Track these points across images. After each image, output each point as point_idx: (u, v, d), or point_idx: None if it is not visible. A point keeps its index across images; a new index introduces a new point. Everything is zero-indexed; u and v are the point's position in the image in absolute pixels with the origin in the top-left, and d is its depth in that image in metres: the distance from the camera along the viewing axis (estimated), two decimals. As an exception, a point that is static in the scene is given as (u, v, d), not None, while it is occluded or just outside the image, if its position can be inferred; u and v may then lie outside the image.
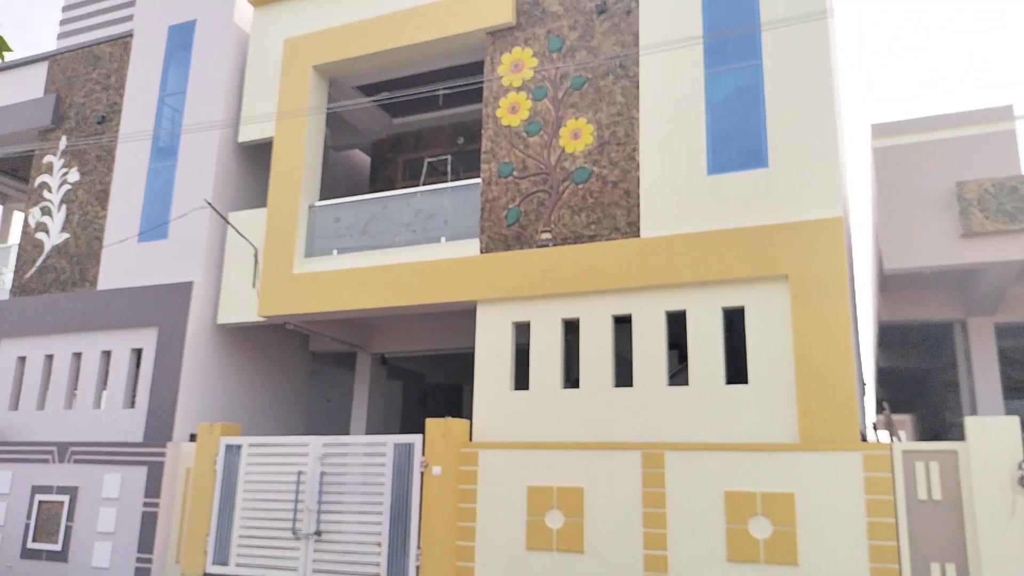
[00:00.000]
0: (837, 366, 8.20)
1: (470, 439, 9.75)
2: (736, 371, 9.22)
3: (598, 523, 8.64)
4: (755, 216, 8.94)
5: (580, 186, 9.92)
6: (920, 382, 18.66)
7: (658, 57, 9.85)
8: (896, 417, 23.85)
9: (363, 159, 16.82)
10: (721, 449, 8.34)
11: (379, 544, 9.48)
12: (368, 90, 13.28)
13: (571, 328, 9.92)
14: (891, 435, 10.36)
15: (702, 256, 8.99)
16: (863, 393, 11.15)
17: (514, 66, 10.70)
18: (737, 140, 9.29)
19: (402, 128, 14.94)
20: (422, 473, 9.54)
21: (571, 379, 10.00)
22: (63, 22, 15.09)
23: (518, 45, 10.75)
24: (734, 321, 9.67)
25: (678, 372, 10.14)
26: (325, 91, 12.57)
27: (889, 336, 14.64)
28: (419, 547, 9.26)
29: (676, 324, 9.42)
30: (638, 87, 9.92)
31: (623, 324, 9.65)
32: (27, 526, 11.95)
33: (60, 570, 11.45)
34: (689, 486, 8.37)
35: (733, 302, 8.90)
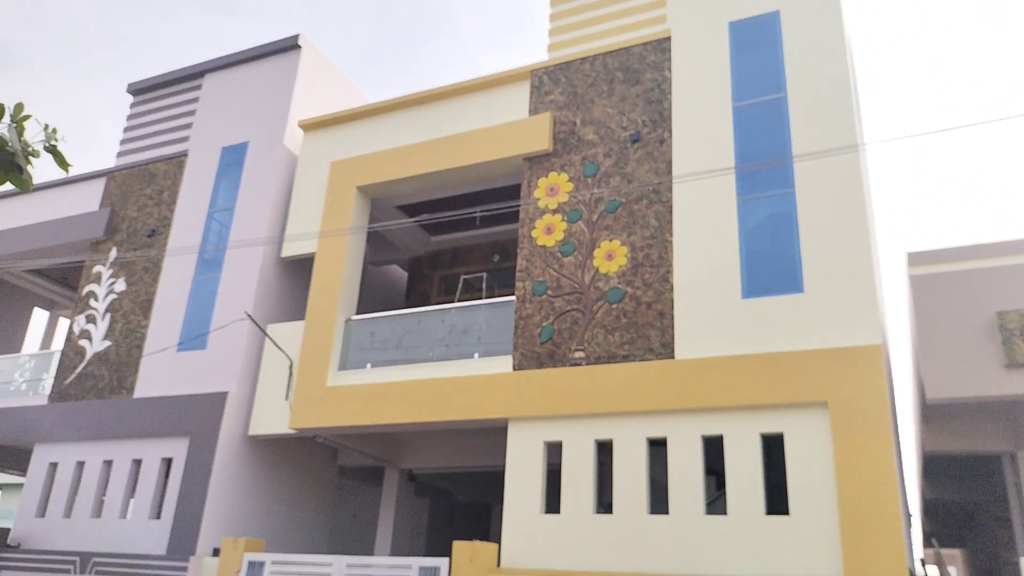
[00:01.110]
0: (882, 498, 7.90)
1: (498, 564, 9.43)
2: (776, 500, 8.90)
3: (631, 661, 8.17)
4: (792, 341, 8.88)
5: (614, 306, 10.00)
6: (969, 515, 17.80)
7: (691, 183, 10.11)
8: (945, 552, 22.63)
9: (400, 274, 17.19)
10: (762, 584, 7.95)
11: (400, 675, 9.04)
12: (408, 210, 13.74)
13: (604, 449, 9.75)
14: (940, 571, 9.82)
15: (738, 380, 8.89)
16: (910, 526, 10.67)
17: (550, 190, 11.04)
18: (771, 265, 9.37)
19: (439, 245, 15.33)
20: (448, 599, 9.19)
21: (604, 503, 9.73)
22: (123, 141, 16.00)
23: (554, 170, 11.14)
24: (773, 448, 9.42)
25: (716, 500, 9.82)
26: (367, 210, 13.03)
27: (935, 467, 14.12)
28: None
29: (713, 449, 9.21)
30: (671, 211, 10.14)
31: (658, 447, 9.46)
32: (40, 641, 11.63)
33: None
34: (728, 624, 7.94)
35: (771, 428, 8.72)
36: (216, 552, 11.37)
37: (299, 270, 13.69)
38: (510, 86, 12.09)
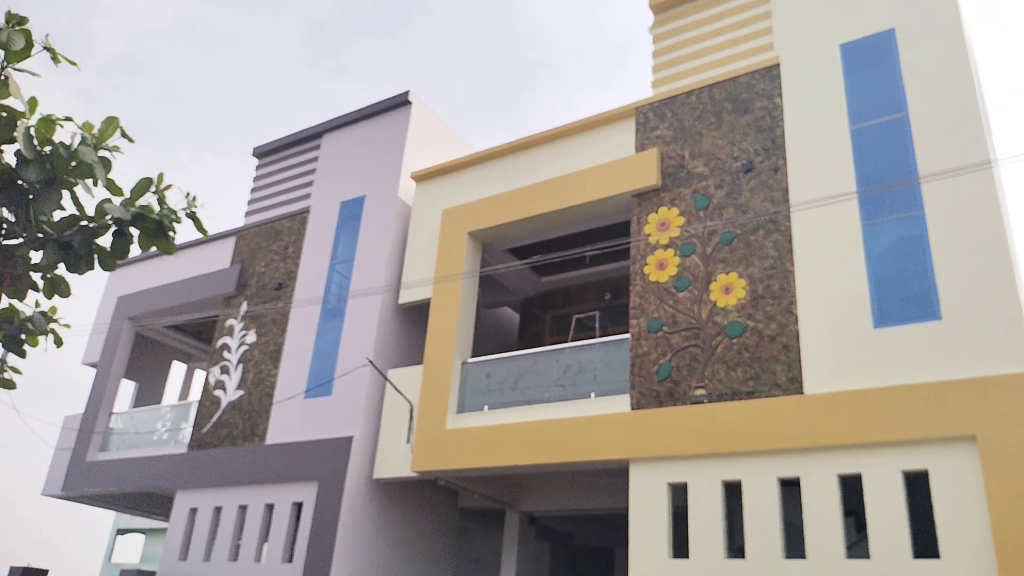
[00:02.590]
0: (1048, 541, 7.21)
1: (626, 610, 9.17)
2: (923, 542, 8.29)
3: None
4: (932, 372, 8.35)
5: (734, 341, 9.71)
6: None
7: (810, 211, 9.78)
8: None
9: (512, 316, 17.35)
10: (915, 635, 7.38)
11: None
12: (518, 252, 13.91)
13: (732, 491, 9.38)
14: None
15: (876, 414, 8.41)
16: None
17: (660, 225, 10.94)
18: (903, 292, 8.88)
19: (550, 286, 15.40)
20: (575, 646, 8.99)
21: (735, 547, 9.33)
22: (250, 201, 17.04)
23: (664, 205, 11.04)
24: (916, 486, 8.81)
25: (857, 542, 9.24)
26: (479, 255, 13.29)
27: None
28: None
29: (851, 489, 8.71)
30: (791, 241, 9.82)
31: (791, 487, 9.03)
32: None
33: None
34: (880, 678, 7.39)
35: (915, 465, 8.17)
36: (345, 595, 11.59)
37: (416, 316, 14.06)
38: (615, 125, 12.14)
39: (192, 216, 6.51)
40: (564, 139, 12.73)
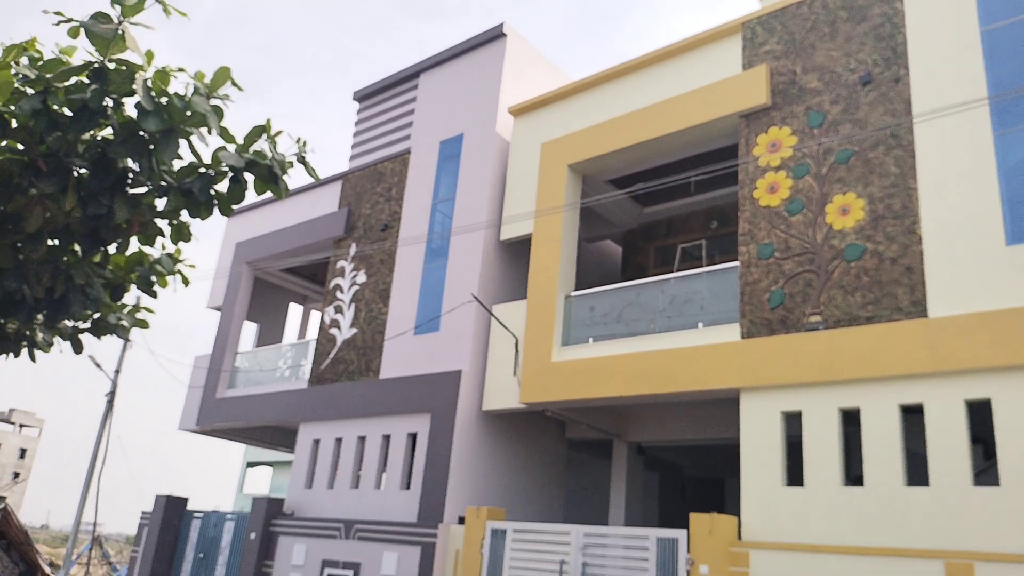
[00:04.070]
0: None
1: (739, 537, 9.15)
2: (1063, 472, 7.82)
3: (896, 643, 7.59)
4: (1074, 289, 7.72)
5: (852, 264, 9.26)
6: None
7: (936, 123, 9.09)
8: None
9: (614, 249, 17.17)
10: (1052, 565, 7.03)
11: (645, 644, 9.08)
12: (620, 183, 13.66)
13: (849, 419, 9.09)
14: None
15: (1008, 337, 7.88)
16: None
17: (771, 146, 10.45)
18: (1042, 205, 8.18)
19: (653, 216, 15.10)
20: (688, 571, 9.08)
21: (851, 476, 9.09)
22: (353, 145, 17.39)
23: (775, 125, 10.52)
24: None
25: (984, 470, 8.83)
26: (579, 187, 13.13)
27: None
28: (688, 651, 8.74)
29: (979, 415, 8.27)
30: (914, 156, 9.19)
31: (912, 415, 8.66)
32: (317, 597, 13.05)
33: (344, 641, 12.29)
34: (1012, 607, 7.11)
35: (1053, 389, 7.65)
36: (461, 520, 12.10)
37: (518, 252, 14.13)
38: (720, 42, 11.57)
39: (302, 160, 6.71)
40: (666, 61, 12.26)
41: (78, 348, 8.02)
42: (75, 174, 6.22)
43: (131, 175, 6.45)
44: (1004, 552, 7.38)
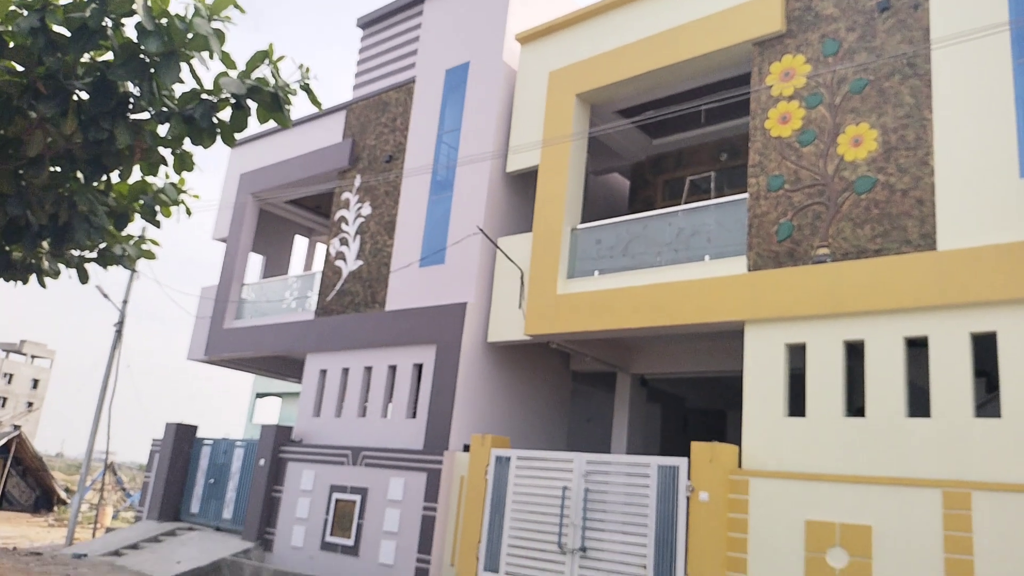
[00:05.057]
0: None
1: (739, 466, 9.31)
2: (1064, 404, 7.88)
3: (889, 566, 7.79)
4: (1087, 222, 7.63)
5: (863, 196, 9.16)
6: None
7: (953, 51, 8.85)
8: None
9: (622, 182, 17.01)
10: (1048, 494, 7.15)
11: (644, 567, 9.35)
12: (628, 113, 13.42)
13: (853, 352, 9.13)
14: None
15: (1017, 269, 7.84)
16: None
17: (784, 75, 10.21)
18: (1059, 136, 8.03)
19: (661, 148, 14.89)
20: (688, 498, 9.28)
21: (853, 407, 9.18)
22: (357, 74, 17.06)
23: (788, 53, 10.26)
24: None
25: (986, 403, 8.91)
26: (587, 118, 12.91)
27: None
28: (686, 573, 8.99)
29: (983, 348, 8.30)
30: (930, 86, 8.98)
31: (917, 348, 8.69)
32: (325, 521, 13.42)
33: (352, 563, 12.69)
34: (1004, 532, 7.27)
35: (1059, 323, 7.64)
36: (466, 448, 12.32)
37: (525, 184, 14.00)
38: (734, -33, 11.18)
39: (306, 88, 6.58)
40: (677, -13, 11.87)
41: (84, 277, 8.06)
42: (75, 97, 6.13)
43: (132, 100, 6.35)
44: (1002, 482, 7.50)
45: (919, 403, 8.56)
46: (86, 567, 13.31)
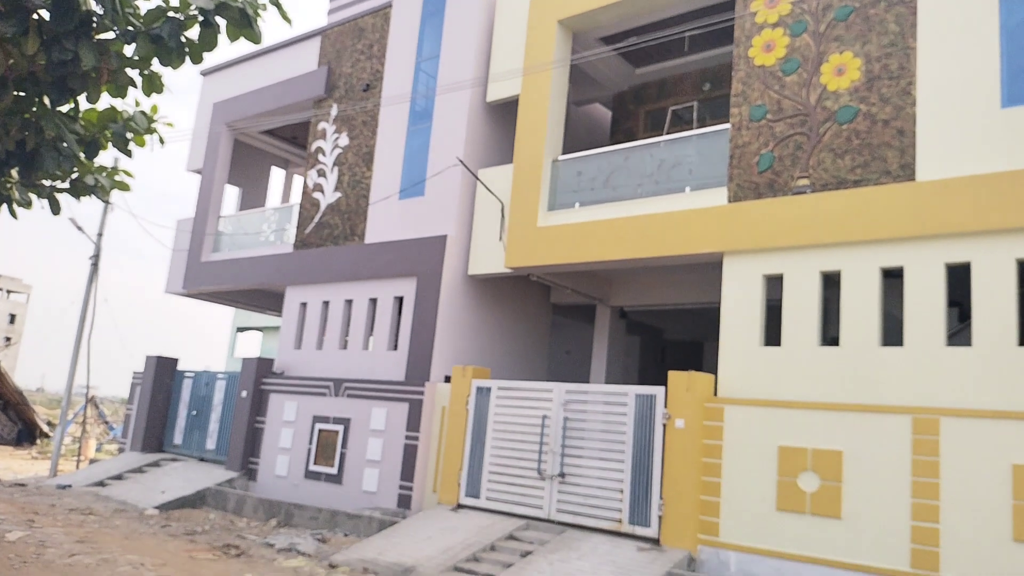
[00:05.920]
0: None
1: (715, 394, 9.48)
2: (1031, 332, 8.06)
3: (859, 489, 8.05)
4: (1065, 152, 7.66)
5: (844, 127, 9.11)
6: None
7: (942, -23, 8.68)
8: None
9: (604, 113, 16.79)
10: (1010, 418, 7.37)
11: (621, 491, 9.59)
12: (611, 41, 13.14)
13: (830, 282, 9.23)
14: None
15: (993, 200, 7.90)
16: None
17: (769, 1, 10.01)
18: (1042, 65, 7.98)
19: (644, 78, 14.66)
20: (664, 425, 9.46)
21: (828, 337, 9.33)
22: (333, -1, 16.54)
23: (774, -22, 10.02)
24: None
25: (958, 332, 9.08)
26: (569, 45, 12.64)
27: None
28: (661, 498, 9.24)
29: (957, 279, 8.41)
30: (915, 13, 8.85)
31: (892, 279, 8.79)
32: (309, 451, 13.59)
33: (336, 491, 12.92)
34: (969, 457, 7.51)
35: (1032, 253, 7.74)
36: (448, 379, 12.44)
37: (505, 114, 13.77)
38: None
39: (275, 2, 6.35)
40: (662, -92, 11.50)
41: (56, 208, 7.89)
42: (35, 16, 5.88)
43: (96, 18, 6.11)
44: (970, 408, 7.71)
45: (892, 332, 8.71)
46: (71, 497, 13.45)
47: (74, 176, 7.91)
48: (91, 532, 10.21)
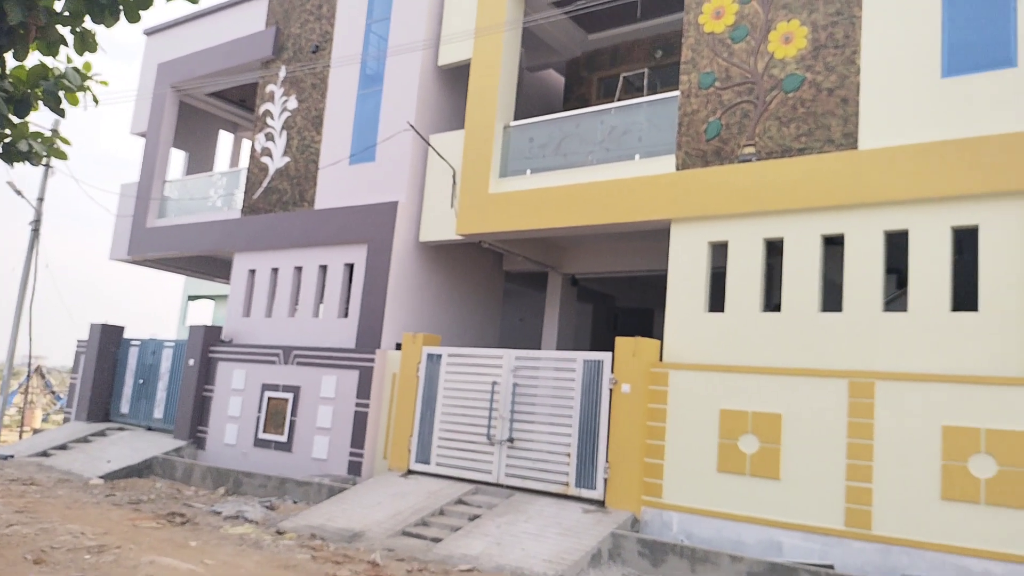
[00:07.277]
0: (1094, 295, 7.13)
1: (660, 359, 9.62)
2: (963, 298, 8.31)
3: (796, 450, 8.28)
4: (998, 123, 7.86)
5: (790, 95, 9.20)
6: None
7: (887, -54, 8.76)
8: None
9: (557, 79, 16.69)
10: (942, 381, 7.62)
11: (568, 455, 9.72)
12: (563, 4, 13.01)
13: (773, 250, 9.38)
14: None
15: (931, 169, 8.08)
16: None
17: (719, -32, 9.99)
18: (978, 37, 8.14)
19: (597, 44, 14.59)
20: (611, 390, 9.58)
21: (771, 304, 9.51)
22: (281, -43, 16.01)
23: (725, -56, 10.00)
24: (964, 243, 8.67)
25: (896, 298, 9.33)
26: (521, 8, 12.50)
27: None
28: (607, 461, 9.39)
29: (895, 246, 8.61)
30: (862, -18, 8.92)
31: (833, 246, 8.97)
32: (258, 419, 13.47)
33: (286, 459, 12.85)
34: (902, 418, 7.76)
35: (965, 221, 7.97)
36: (398, 346, 12.40)
37: (457, 79, 13.60)
38: None
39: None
40: None
41: (-14, 169, 7.58)
42: (-47, -34, 5.59)
43: (20, -28, 5.83)
44: (904, 371, 7.95)
45: (832, 298, 8.90)
46: (12, 467, 13.15)
47: (7, 140, 7.60)
48: (32, 502, 10.01)
